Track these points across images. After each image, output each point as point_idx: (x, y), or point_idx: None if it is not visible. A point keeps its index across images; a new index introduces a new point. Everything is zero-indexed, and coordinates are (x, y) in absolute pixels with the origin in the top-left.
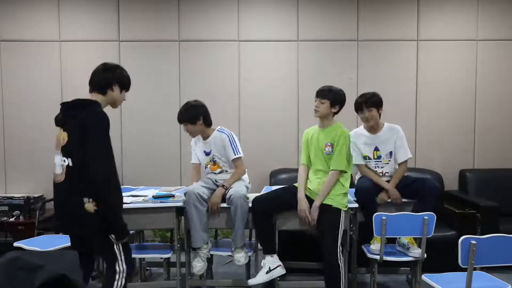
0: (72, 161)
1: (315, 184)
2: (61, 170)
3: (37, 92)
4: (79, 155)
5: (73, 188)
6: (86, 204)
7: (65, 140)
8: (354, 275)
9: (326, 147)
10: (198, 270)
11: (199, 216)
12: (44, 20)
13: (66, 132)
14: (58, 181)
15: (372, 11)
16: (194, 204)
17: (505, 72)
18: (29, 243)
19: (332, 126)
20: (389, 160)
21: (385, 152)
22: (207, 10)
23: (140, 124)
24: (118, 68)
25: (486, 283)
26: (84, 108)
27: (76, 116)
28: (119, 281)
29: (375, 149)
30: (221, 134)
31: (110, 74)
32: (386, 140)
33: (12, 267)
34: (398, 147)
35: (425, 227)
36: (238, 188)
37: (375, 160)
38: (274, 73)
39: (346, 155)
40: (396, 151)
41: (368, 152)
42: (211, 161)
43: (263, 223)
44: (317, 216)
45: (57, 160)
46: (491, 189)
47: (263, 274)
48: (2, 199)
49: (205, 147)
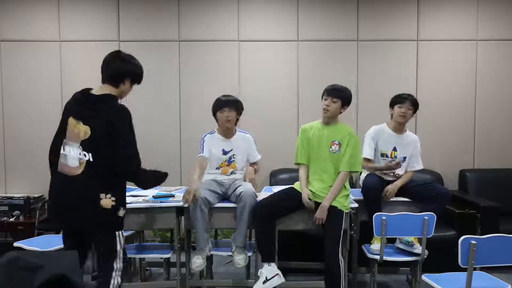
0: (93, 156)
1: (317, 185)
2: (78, 164)
3: (37, 92)
4: (104, 151)
5: (91, 183)
6: (103, 199)
7: (87, 134)
8: (354, 275)
9: (333, 145)
10: (197, 266)
11: (203, 218)
12: (44, 20)
13: (89, 127)
14: (71, 174)
15: (372, 11)
16: (201, 207)
17: (505, 72)
18: (29, 243)
19: (339, 124)
20: (402, 164)
21: (401, 155)
22: (207, 10)
23: (140, 124)
24: (132, 59)
25: (486, 283)
26: (107, 104)
27: (100, 112)
28: (116, 278)
29: (394, 149)
30: (245, 134)
31: (124, 67)
32: (406, 144)
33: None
34: (413, 155)
35: (425, 227)
36: (248, 186)
37: (391, 158)
38: (274, 73)
39: (361, 156)
40: (410, 159)
41: (387, 150)
42: (226, 161)
43: (265, 228)
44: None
45: (72, 153)
46: (491, 189)
47: (260, 284)
48: (2, 199)
49: (225, 145)
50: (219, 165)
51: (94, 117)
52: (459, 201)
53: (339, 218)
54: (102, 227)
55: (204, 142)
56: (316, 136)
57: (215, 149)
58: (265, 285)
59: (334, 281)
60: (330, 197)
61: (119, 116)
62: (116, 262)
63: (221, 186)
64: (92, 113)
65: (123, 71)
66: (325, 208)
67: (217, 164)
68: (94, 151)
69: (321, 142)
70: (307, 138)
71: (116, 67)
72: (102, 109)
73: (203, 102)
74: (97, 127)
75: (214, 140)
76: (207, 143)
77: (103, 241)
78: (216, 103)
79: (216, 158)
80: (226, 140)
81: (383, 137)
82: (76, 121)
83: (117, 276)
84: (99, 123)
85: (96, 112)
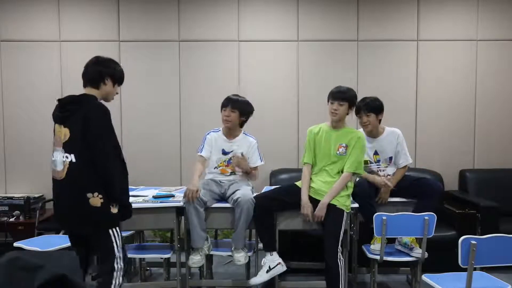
0: (75, 156)
1: (319, 183)
2: (62, 167)
3: (37, 92)
4: (83, 149)
5: (76, 184)
6: (91, 199)
7: (66, 136)
8: (354, 275)
9: (340, 148)
10: (193, 263)
11: (199, 217)
12: (44, 20)
13: (68, 128)
14: (59, 178)
15: (372, 11)
16: (195, 206)
17: (505, 72)
18: (29, 243)
19: (347, 128)
20: (389, 164)
21: (384, 157)
22: (207, 10)
23: (140, 124)
24: (111, 62)
25: (486, 283)
26: (83, 103)
27: (77, 111)
28: (117, 279)
29: (375, 153)
30: (248, 137)
31: (102, 67)
32: (385, 145)
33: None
34: (398, 152)
35: (426, 227)
36: (246, 192)
37: (376, 163)
38: (274, 73)
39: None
40: (396, 157)
41: (367, 157)
42: (225, 162)
43: (264, 219)
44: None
45: (58, 157)
46: (491, 189)
47: (264, 273)
48: (2, 199)
49: (226, 146)
50: (217, 164)
51: (71, 116)
52: (459, 201)
53: (340, 217)
54: (95, 227)
55: (205, 140)
56: (324, 139)
57: (216, 148)
58: (269, 274)
59: (334, 281)
60: (329, 195)
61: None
62: (116, 262)
63: (220, 186)
64: (69, 113)
65: (101, 72)
66: (324, 205)
67: (216, 163)
68: (75, 151)
69: (328, 144)
70: (314, 140)
71: (94, 70)
72: (79, 108)
73: (203, 102)
74: (74, 127)
75: (216, 139)
76: (209, 141)
77: (99, 241)
78: (223, 101)
79: (216, 157)
80: (228, 140)
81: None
82: (58, 126)
83: (118, 276)
84: (75, 121)
85: (72, 112)
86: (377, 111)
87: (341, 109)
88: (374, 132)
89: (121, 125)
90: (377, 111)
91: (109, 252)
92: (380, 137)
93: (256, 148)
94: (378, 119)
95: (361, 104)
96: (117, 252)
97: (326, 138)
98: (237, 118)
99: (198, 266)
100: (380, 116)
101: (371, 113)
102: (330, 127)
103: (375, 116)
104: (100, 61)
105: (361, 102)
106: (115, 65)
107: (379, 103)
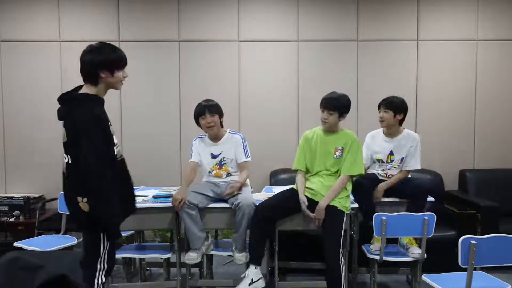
0: (71, 158)
1: (318, 184)
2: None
3: (37, 92)
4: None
5: (71, 185)
6: (80, 203)
7: (65, 137)
8: (354, 275)
9: (336, 151)
10: (189, 259)
11: (192, 219)
12: (44, 20)
13: (65, 129)
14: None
15: (372, 11)
16: (185, 211)
17: (505, 72)
18: (29, 243)
19: (342, 131)
20: (399, 165)
21: (398, 158)
22: (207, 10)
23: (140, 124)
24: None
25: (486, 283)
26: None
27: (70, 114)
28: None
29: (390, 153)
30: (233, 135)
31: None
32: (401, 146)
33: (12, 267)
34: (410, 154)
35: (425, 227)
36: (247, 195)
37: (387, 163)
38: (274, 73)
39: (362, 160)
40: (407, 158)
41: (382, 156)
42: (217, 165)
43: (262, 231)
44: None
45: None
46: (491, 189)
47: (246, 286)
48: (2, 199)
49: (213, 149)
50: (210, 168)
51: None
52: (459, 201)
53: (340, 219)
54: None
55: (193, 146)
56: (319, 143)
57: (204, 154)
58: (251, 287)
59: (335, 282)
60: (327, 198)
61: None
62: (100, 262)
63: (217, 187)
64: (65, 114)
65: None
66: (322, 208)
67: (209, 168)
68: (70, 153)
69: (326, 148)
70: (309, 146)
71: (87, 62)
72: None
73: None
74: (68, 128)
75: (203, 144)
76: (196, 148)
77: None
78: (197, 109)
79: (207, 162)
80: (214, 144)
81: (377, 143)
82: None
83: (100, 276)
84: (68, 123)
85: (67, 113)
86: (396, 109)
87: (331, 118)
88: (392, 131)
89: (121, 125)
90: (396, 110)
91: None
92: (397, 137)
93: (241, 144)
94: (396, 118)
95: (383, 100)
96: (102, 253)
97: (321, 143)
98: (218, 121)
99: (193, 263)
100: (399, 116)
101: (389, 110)
102: (326, 131)
103: (392, 114)
104: (92, 49)
105: (385, 98)
106: (109, 50)
107: (400, 103)
